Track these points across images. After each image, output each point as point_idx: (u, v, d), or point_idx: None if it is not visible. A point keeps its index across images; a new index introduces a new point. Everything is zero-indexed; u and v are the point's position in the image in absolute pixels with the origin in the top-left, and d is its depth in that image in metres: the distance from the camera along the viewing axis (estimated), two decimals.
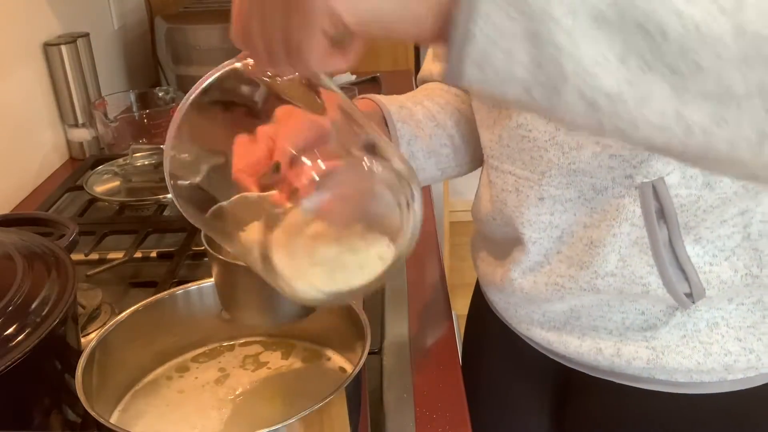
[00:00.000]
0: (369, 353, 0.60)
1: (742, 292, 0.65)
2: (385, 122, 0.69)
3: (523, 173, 0.67)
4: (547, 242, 0.69)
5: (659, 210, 0.62)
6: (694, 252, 0.63)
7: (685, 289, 0.64)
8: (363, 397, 0.62)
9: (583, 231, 0.66)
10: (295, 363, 0.69)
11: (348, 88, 1.47)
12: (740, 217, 0.63)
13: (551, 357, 0.77)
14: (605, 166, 0.62)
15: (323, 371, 0.68)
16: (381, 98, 0.67)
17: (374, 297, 0.86)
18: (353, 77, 1.83)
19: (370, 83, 1.83)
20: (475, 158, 0.79)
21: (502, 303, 0.79)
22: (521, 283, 0.72)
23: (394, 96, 0.74)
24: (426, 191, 1.22)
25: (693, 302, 0.64)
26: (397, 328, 0.83)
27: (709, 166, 0.42)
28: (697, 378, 0.68)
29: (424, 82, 0.84)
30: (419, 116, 0.71)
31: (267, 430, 0.50)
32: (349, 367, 0.67)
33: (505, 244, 0.74)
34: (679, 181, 0.60)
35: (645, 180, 0.60)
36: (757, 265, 0.64)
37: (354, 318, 0.64)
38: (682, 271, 0.64)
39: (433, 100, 0.77)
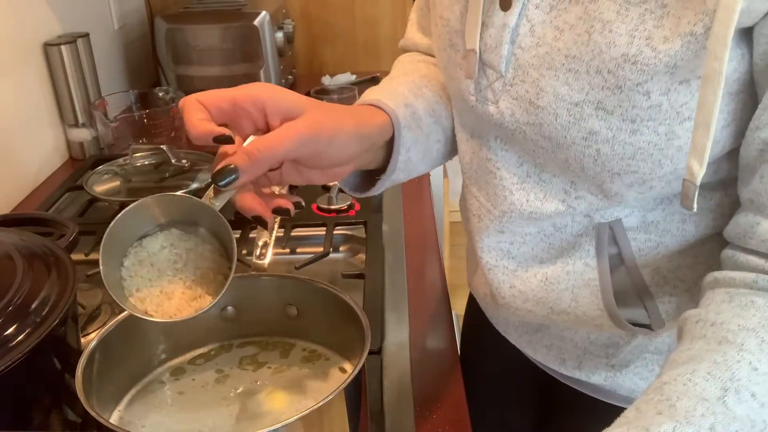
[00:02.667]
0: (369, 353, 0.60)
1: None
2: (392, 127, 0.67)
3: (486, 204, 0.67)
4: (502, 274, 0.68)
5: (618, 253, 0.62)
6: (656, 292, 0.63)
7: (644, 321, 0.64)
8: (363, 397, 0.62)
9: (538, 267, 0.66)
10: (294, 362, 0.69)
11: (348, 88, 1.47)
12: (706, 256, 0.61)
13: (529, 359, 0.78)
14: (564, 213, 0.61)
15: (323, 371, 0.68)
16: (387, 101, 0.65)
17: (374, 297, 0.86)
18: (353, 77, 1.83)
19: (370, 83, 1.83)
20: None
21: (482, 303, 0.80)
22: (488, 299, 0.73)
23: (395, 84, 0.72)
24: (426, 191, 1.22)
25: (654, 332, 0.64)
26: (397, 328, 0.83)
27: None
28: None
29: (406, 51, 0.83)
30: (420, 113, 0.70)
31: (267, 430, 0.50)
32: (349, 367, 0.67)
33: (472, 258, 0.74)
34: (638, 225, 0.60)
35: (602, 221, 0.61)
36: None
37: (354, 318, 0.64)
38: (644, 308, 0.63)
39: (432, 86, 0.74)
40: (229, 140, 0.55)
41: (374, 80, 1.83)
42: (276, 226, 0.75)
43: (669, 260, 0.62)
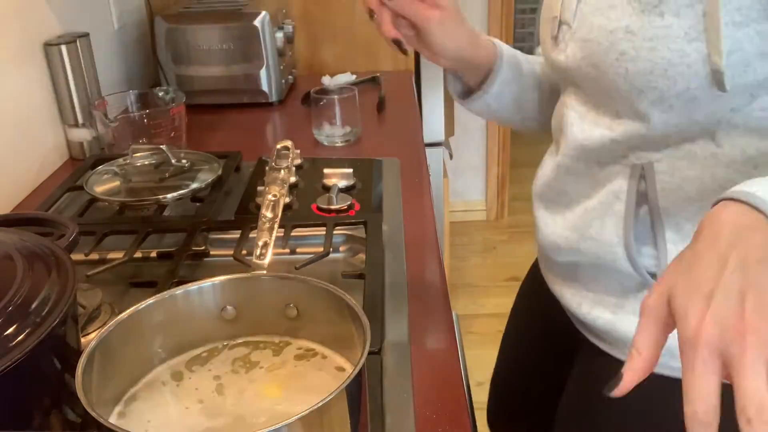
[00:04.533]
0: (369, 353, 0.60)
1: None
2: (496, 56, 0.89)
3: (554, 146, 0.84)
4: (555, 207, 0.84)
5: (644, 191, 0.73)
6: (671, 237, 0.73)
7: (650, 268, 0.74)
8: (363, 397, 0.62)
9: (581, 199, 0.79)
10: (288, 361, 0.69)
11: (348, 88, 1.47)
12: None
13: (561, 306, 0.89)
14: (608, 147, 0.74)
15: (319, 369, 0.68)
16: (502, 44, 0.90)
17: (374, 297, 0.86)
18: (353, 77, 1.83)
19: (370, 83, 1.83)
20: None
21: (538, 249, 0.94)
22: (539, 235, 0.88)
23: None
24: (426, 191, 1.22)
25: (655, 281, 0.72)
26: (397, 328, 0.83)
27: None
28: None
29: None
30: (523, 66, 0.92)
31: (267, 430, 0.50)
32: (348, 367, 0.67)
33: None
34: (665, 169, 0.71)
35: (637, 162, 0.73)
36: None
37: (354, 318, 0.64)
38: (656, 249, 0.73)
39: (536, 60, 0.95)
40: None
41: (374, 80, 1.83)
42: (276, 226, 0.75)
43: (686, 205, 0.71)
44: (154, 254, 1.01)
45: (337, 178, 1.20)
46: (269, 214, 0.76)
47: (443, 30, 0.82)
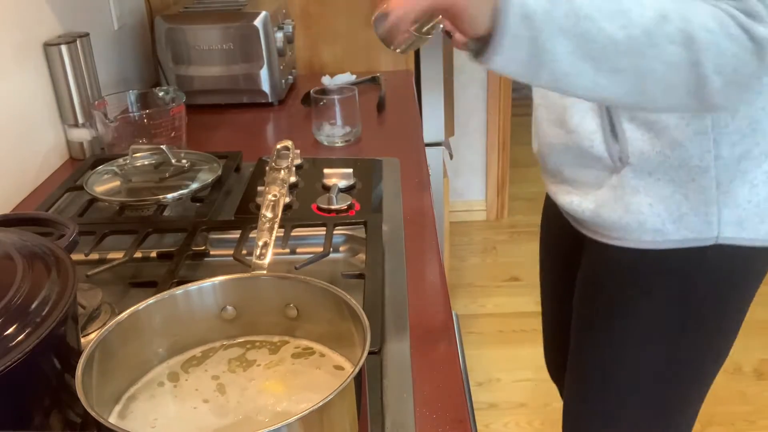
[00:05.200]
0: (369, 353, 0.60)
1: (659, 168, 0.85)
2: None
3: None
4: (543, 111, 0.96)
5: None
6: (629, 126, 0.85)
7: (618, 153, 0.87)
8: (363, 397, 0.62)
9: (560, 99, 0.90)
10: (285, 359, 0.69)
11: (348, 88, 1.47)
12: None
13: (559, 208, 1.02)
14: None
15: (317, 367, 0.68)
16: None
17: (374, 297, 0.86)
18: (353, 77, 1.83)
19: (370, 83, 1.83)
20: None
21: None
22: (536, 141, 1.00)
23: None
24: (426, 191, 1.22)
25: (623, 166, 0.86)
26: (397, 328, 0.83)
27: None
28: (621, 232, 0.89)
29: None
30: None
31: (267, 430, 0.50)
32: (347, 366, 0.67)
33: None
34: None
35: None
36: (669, 148, 0.83)
37: (354, 318, 0.64)
38: (617, 137, 0.86)
39: None
40: None
41: (374, 80, 1.83)
42: (276, 226, 0.75)
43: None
44: (154, 254, 1.01)
45: (337, 178, 1.20)
46: (269, 214, 0.76)
47: None
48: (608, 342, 0.99)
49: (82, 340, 0.76)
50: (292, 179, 1.21)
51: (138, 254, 0.98)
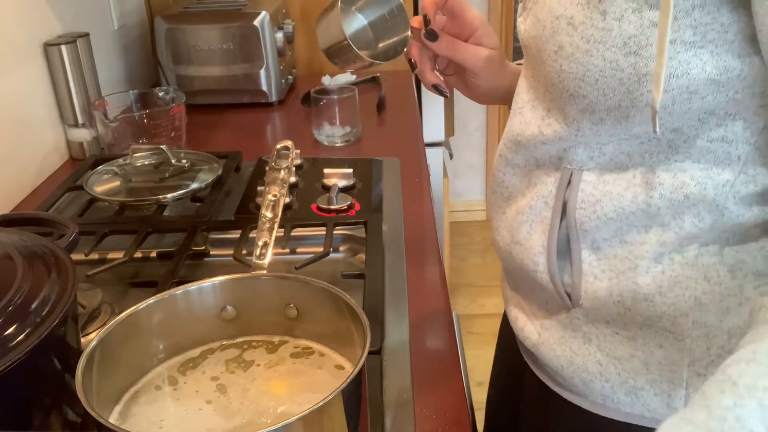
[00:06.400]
0: (369, 353, 0.60)
1: (618, 320, 0.65)
2: None
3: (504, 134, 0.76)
4: (498, 200, 0.76)
5: (566, 200, 0.65)
6: (587, 258, 0.65)
7: (568, 289, 0.67)
8: (363, 397, 0.62)
9: (519, 198, 0.72)
10: (285, 359, 0.69)
11: (348, 88, 1.47)
12: (632, 246, 0.63)
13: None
14: (541, 143, 0.66)
15: (319, 367, 0.68)
16: None
17: (374, 297, 0.86)
18: (353, 77, 1.83)
19: (370, 83, 1.83)
20: None
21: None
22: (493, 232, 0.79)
23: None
24: (426, 191, 1.22)
25: (572, 305, 0.67)
26: (397, 328, 0.83)
27: None
28: (561, 381, 0.72)
29: None
30: None
31: (267, 430, 0.50)
32: (347, 366, 0.67)
33: None
34: (593, 179, 0.64)
35: (568, 167, 0.65)
36: (631, 300, 0.63)
37: (354, 318, 0.64)
38: (569, 267, 0.67)
39: None
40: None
41: (374, 80, 1.83)
42: (276, 226, 0.75)
43: (602, 224, 0.63)
44: (154, 254, 1.01)
45: (337, 178, 1.20)
46: (269, 214, 0.76)
47: (490, 71, 0.77)
48: None
49: (82, 340, 0.76)
50: (292, 179, 1.21)
51: (138, 254, 0.98)
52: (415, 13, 1.99)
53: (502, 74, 0.79)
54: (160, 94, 1.42)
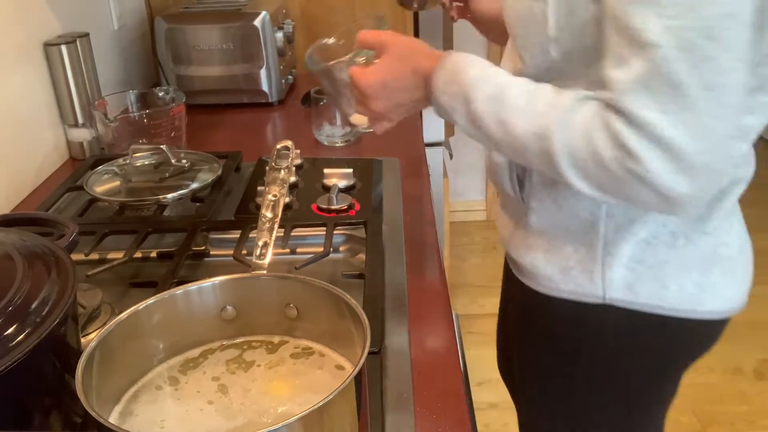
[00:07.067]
0: (369, 353, 0.60)
1: (555, 216, 0.83)
2: None
3: None
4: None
5: None
6: (535, 176, 0.83)
7: (523, 195, 0.85)
8: (363, 397, 0.62)
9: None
10: (285, 359, 0.69)
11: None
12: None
13: None
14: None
15: (319, 367, 0.68)
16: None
17: (374, 297, 0.86)
18: None
19: None
20: None
21: None
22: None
23: None
24: (426, 191, 1.22)
25: (527, 208, 0.85)
26: (397, 328, 0.83)
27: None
28: (523, 270, 0.88)
29: None
30: None
31: (267, 430, 0.50)
32: (348, 366, 0.67)
33: None
34: None
35: None
36: (563, 197, 0.81)
37: (354, 318, 0.64)
38: (525, 179, 0.84)
39: None
40: None
41: None
42: (276, 226, 0.75)
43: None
44: (154, 254, 1.01)
45: (337, 178, 1.20)
46: (269, 214, 0.76)
47: None
48: (526, 372, 0.97)
49: (82, 340, 0.76)
50: (292, 179, 1.21)
51: (138, 254, 0.98)
52: (415, 11, 1.99)
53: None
54: (160, 94, 1.42)
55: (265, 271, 0.71)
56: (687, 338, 0.84)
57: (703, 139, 0.61)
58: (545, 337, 0.90)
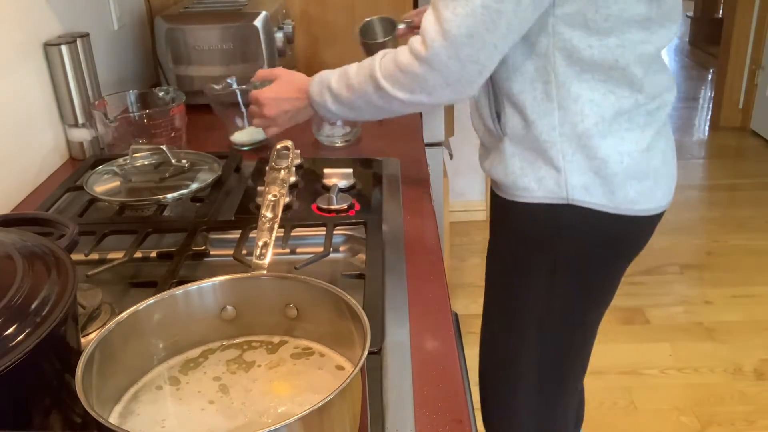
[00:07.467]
0: (369, 353, 0.60)
1: (525, 140, 1.02)
2: None
3: None
4: (472, 114, 1.16)
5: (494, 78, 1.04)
6: (507, 107, 1.03)
7: (500, 126, 1.06)
8: (363, 397, 0.62)
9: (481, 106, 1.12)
10: (285, 359, 0.69)
11: None
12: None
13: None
14: None
15: (319, 367, 0.68)
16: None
17: (374, 297, 0.86)
18: None
19: None
20: None
21: None
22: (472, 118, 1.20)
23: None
24: (426, 191, 1.22)
25: (503, 136, 1.05)
26: (397, 328, 0.83)
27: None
28: (504, 187, 1.07)
29: None
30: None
31: (267, 430, 0.50)
32: (348, 366, 0.67)
33: None
34: (503, 60, 0.99)
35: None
36: (529, 125, 1.01)
37: (354, 318, 0.64)
38: (500, 114, 1.05)
39: None
40: None
41: None
42: (276, 226, 0.75)
43: (514, 85, 1.01)
44: (154, 254, 1.01)
45: (337, 178, 1.20)
46: (269, 214, 0.76)
47: None
48: (500, 282, 1.17)
49: (82, 340, 0.76)
50: (292, 179, 1.21)
51: (138, 254, 0.98)
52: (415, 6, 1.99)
53: None
54: (160, 94, 1.42)
55: (265, 271, 0.71)
56: (629, 232, 1.06)
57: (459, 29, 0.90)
58: (522, 239, 1.10)
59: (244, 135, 1.46)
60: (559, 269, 1.08)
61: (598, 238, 1.06)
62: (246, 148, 1.45)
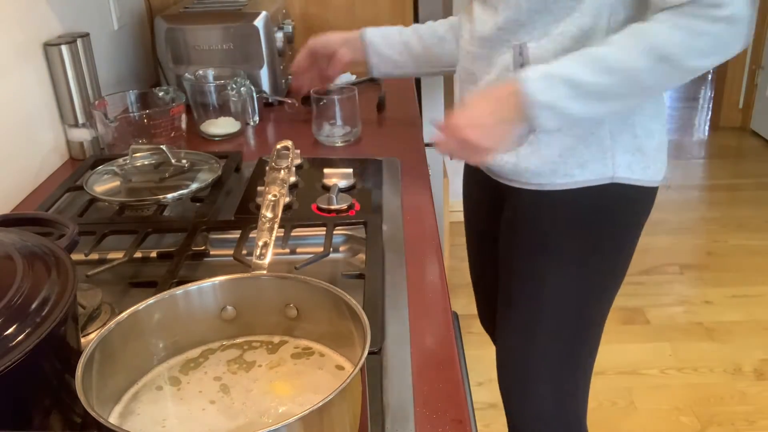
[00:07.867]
0: (369, 353, 0.60)
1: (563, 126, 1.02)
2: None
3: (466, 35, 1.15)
4: (467, 85, 1.15)
5: (522, 63, 1.03)
6: None
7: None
8: (363, 397, 0.62)
9: (484, 75, 1.10)
10: (285, 359, 0.69)
11: (348, 88, 1.47)
12: None
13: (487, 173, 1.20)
14: (496, 34, 1.05)
15: (320, 367, 0.68)
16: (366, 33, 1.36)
17: (374, 297, 0.86)
18: (353, 77, 1.83)
19: (370, 83, 1.83)
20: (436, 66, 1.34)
21: None
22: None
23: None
24: (426, 191, 1.22)
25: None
26: (397, 328, 0.83)
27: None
28: (538, 178, 1.08)
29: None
30: (394, 36, 1.35)
31: (267, 430, 0.50)
32: (348, 366, 0.67)
33: None
34: (535, 46, 1.01)
35: (516, 42, 1.03)
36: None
37: (354, 318, 0.64)
38: None
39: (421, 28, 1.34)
40: None
41: (374, 80, 1.83)
42: (276, 226, 0.75)
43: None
44: (154, 254, 1.01)
45: (337, 178, 1.20)
46: (269, 214, 0.76)
47: (355, 59, 1.35)
48: (531, 274, 1.15)
49: (82, 340, 0.76)
50: (292, 179, 1.21)
51: (138, 254, 0.98)
52: (415, 10, 2.00)
53: (362, 53, 1.35)
54: (160, 94, 1.42)
55: (265, 271, 0.71)
56: (648, 204, 1.12)
57: None
58: (559, 225, 1.10)
59: (217, 127, 1.53)
60: (593, 252, 1.11)
61: (632, 212, 1.11)
62: (217, 139, 1.52)
